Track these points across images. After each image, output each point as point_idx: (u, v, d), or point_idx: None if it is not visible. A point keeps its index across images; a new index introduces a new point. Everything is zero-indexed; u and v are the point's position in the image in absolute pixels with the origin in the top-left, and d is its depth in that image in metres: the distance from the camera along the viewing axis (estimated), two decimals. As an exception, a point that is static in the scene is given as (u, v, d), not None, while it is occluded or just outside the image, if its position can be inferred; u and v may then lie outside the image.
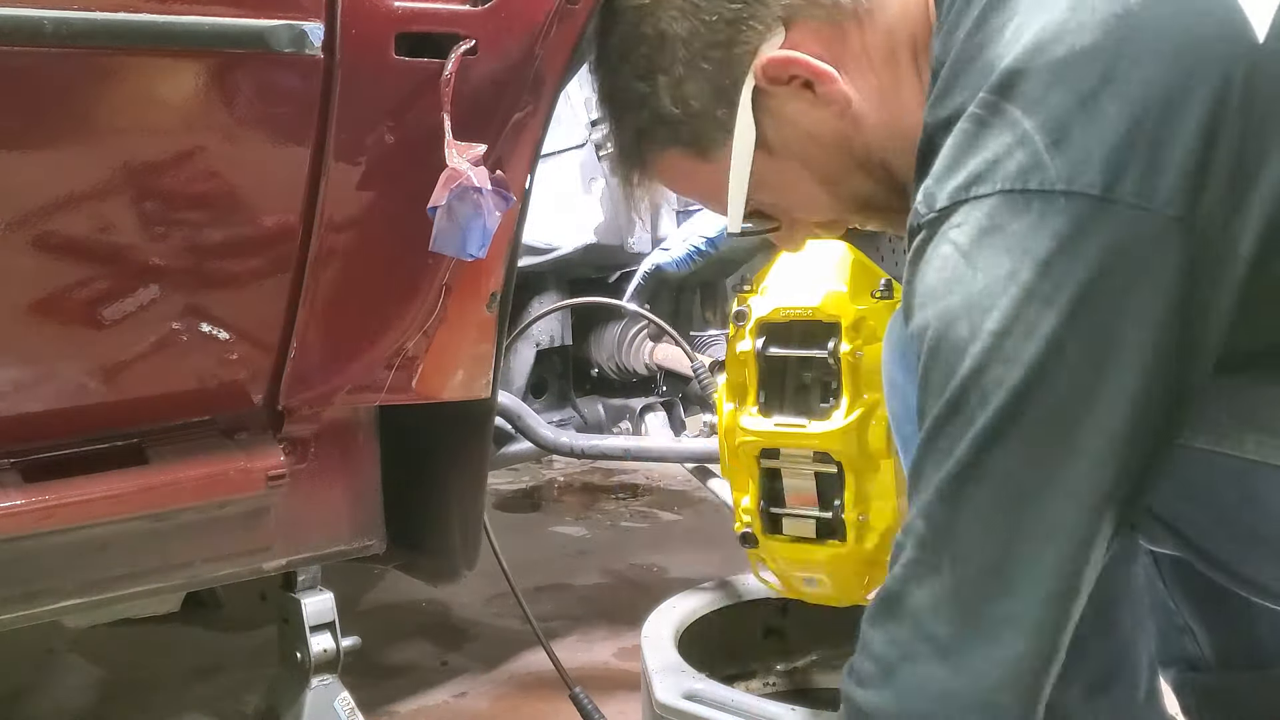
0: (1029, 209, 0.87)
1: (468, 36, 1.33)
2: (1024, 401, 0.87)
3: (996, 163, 0.89)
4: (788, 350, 1.45)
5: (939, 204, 0.92)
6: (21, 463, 1.34)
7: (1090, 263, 0.86)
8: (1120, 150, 0.86)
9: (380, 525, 1.67)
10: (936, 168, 0.94)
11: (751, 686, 1.90)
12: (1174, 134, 0.86)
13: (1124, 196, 0.86)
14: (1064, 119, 0.88)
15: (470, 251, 1.32)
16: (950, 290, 0.90)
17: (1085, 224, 0.86)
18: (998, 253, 0.88)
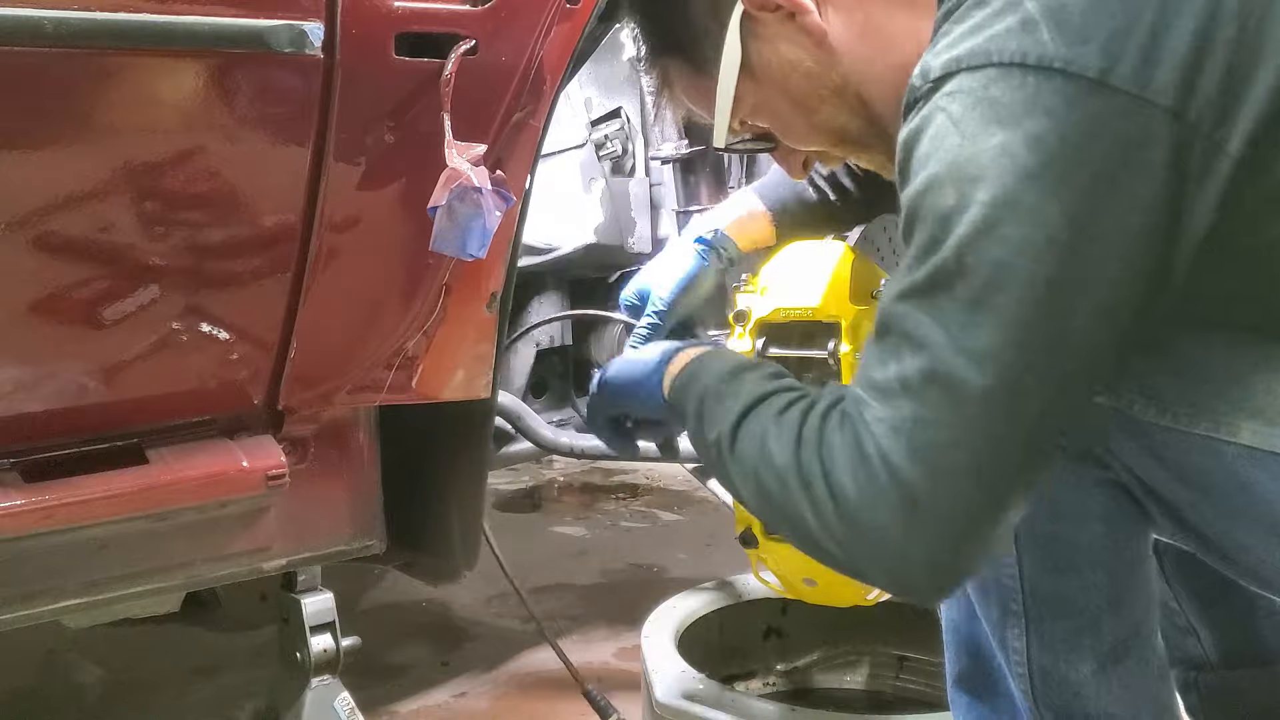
0: (1025, 84, 0.89)
1: (468, 36, 1.33)
2: (1007, 274, 0.88)
3: (996, 37, 0.90)
4: (788, 351, 1.45)
5: (934, 74, 0.93)
6: (21, 463, 1.34)
7: (1080, 142, 0.88)
8: (1119, 37, 0.88)
9: (380, 525, 1.67)
10: (936, 44, 0.95)
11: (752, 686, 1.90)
12: (1171, 26, 0.88)
13: (1119, 82, 0.88)
14: (1067, 2, 0.89)
15: (470, 251, 1.32)
16: (939, 157, 0.91)
17: (1079, 104, 0.88)
18: (989, 124, 0.89)
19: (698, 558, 2.76)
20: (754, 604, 1.89)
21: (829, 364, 1.40)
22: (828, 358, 1.40)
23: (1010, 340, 0.89)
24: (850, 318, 1.39)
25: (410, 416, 1.63)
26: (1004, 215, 0.88)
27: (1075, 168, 0.88)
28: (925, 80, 0.94)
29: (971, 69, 0.91)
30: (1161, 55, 0.88)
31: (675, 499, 3.32)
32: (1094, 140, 0.88)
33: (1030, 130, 0.88)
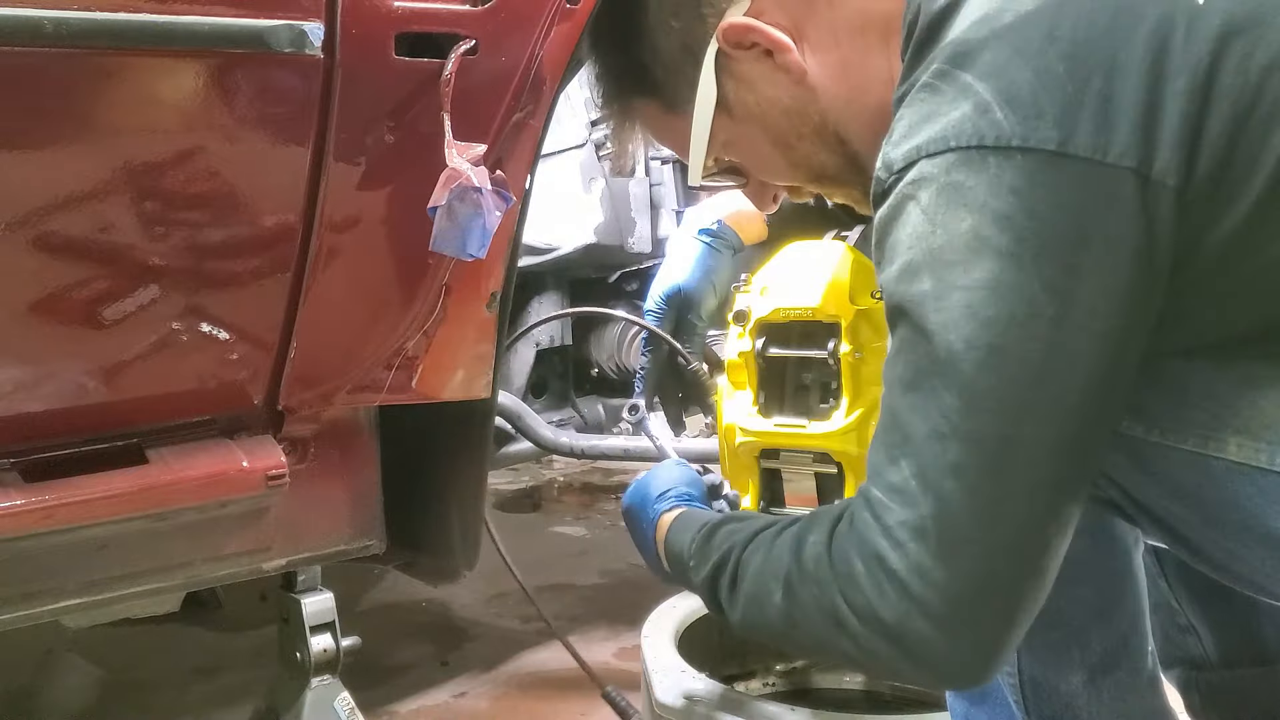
0: (986, 165, 0.89)
1: (468, 36, 1.33)
2: (998, 357, 0.89)
3: (951, 124, 0.91)
4: (788, 351, 1.45)
5: (897, 165, 0.94)
6: (21, 463, 1.34)
7: (1048, 215, 0.89)
8: (1072, 107, 0.89)
9: (380, 525, 1.67)
10: (893, 134, 0.96)
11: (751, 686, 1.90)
12: (1120, 89, 0.89)
13: (1078, 150, 0.88)
14: (1015, 79, 0.90)
15: (470, 251, 1.32)
16: (914, 246, 0.92)
17: (1041, 178, 0.89)
18: (956, 209, 0.90)
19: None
20: (754, 604, 1.89)
21: (829, 364, 1.40)
22: (827, 358, 1.40)
23: (1012, 419, 0.89)
24: (850, 318, 1.39)
25: (410, 416, 1.64)
26: (985, 297, 0.89)
27: (1047, 241, 0.89)
28: (890, 172, 0.95)
29: (932, 155, 0.92)
30: (1115, 118, 0.89)
31: (675, 499, 3.31)
32: (1061, 211, 0.89)
33: (998, 210, 0.89)
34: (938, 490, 0.90)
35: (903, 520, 0.92)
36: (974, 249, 0.89)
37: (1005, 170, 0.89)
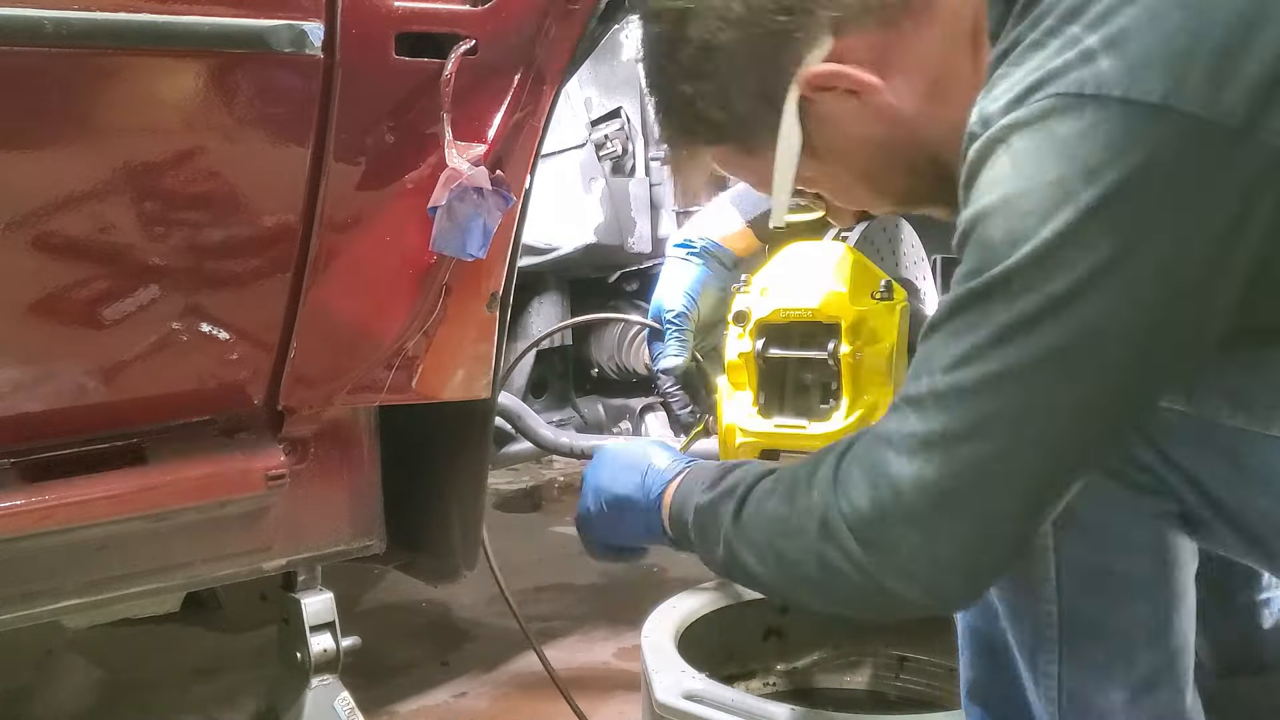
0: (1082, 115, 0.86)
1: (468, 36, 1.33)
2: (1056, 312, 0.87)
3: (1052, 71, 0.87)
4: (788, 351, 1.45)
5: (991, 115, 0.90)
6: (21, 463, 1.34)
7: (1141, 172, 0.85)
8: (1183, 56, 0.84)
9: (380, 525, 1.67)
10: (993, 88, 0.92)
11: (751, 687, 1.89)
12: (1246, 46, 0.84)
13: (1183, 105, 0.84)
14: (1126, 26, 0.86)
15: (470, 251, 1.32)
16: (997, 191, 0.89)
17: (1139, 133, 0.85)
18: (1044, 157, 0.87)
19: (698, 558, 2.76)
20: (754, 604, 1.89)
21: (829, 364, 1.40)
22: (827, 358, 1.40)
23: (1049, 363, 0.88)
24: (850, 318, 1.39)
25: (410, 416, 1.63)
26: (1055, 250, 0.86)
27: (1134, 199, 0.85)
28: (985, 126, 0.92)
29: (1030, 103, 0.89)
30: (1233, 73, 0.84)
31: (675, 499, 3.31)
32: (1155, 169, 0.85)
33: (1088, 163, 0.85)
34: (956, 411, 0.90)
35: (912, 431, 0.92)
36: (1056, 201, 0.86)
37: (1102, 121, 0.85)
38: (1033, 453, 0.90)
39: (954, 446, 0.91)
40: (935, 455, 0.91)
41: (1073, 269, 0.86)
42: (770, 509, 1.05)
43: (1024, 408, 0.89)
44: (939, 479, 0.91)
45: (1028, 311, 0.87)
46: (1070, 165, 0.86)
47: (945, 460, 0.91)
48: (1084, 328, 0.87)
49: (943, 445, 0.91)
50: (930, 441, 0.91)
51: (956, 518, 0.92)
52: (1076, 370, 0.88)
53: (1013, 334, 0.88)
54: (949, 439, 0.91)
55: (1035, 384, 0.89)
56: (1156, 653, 1.09)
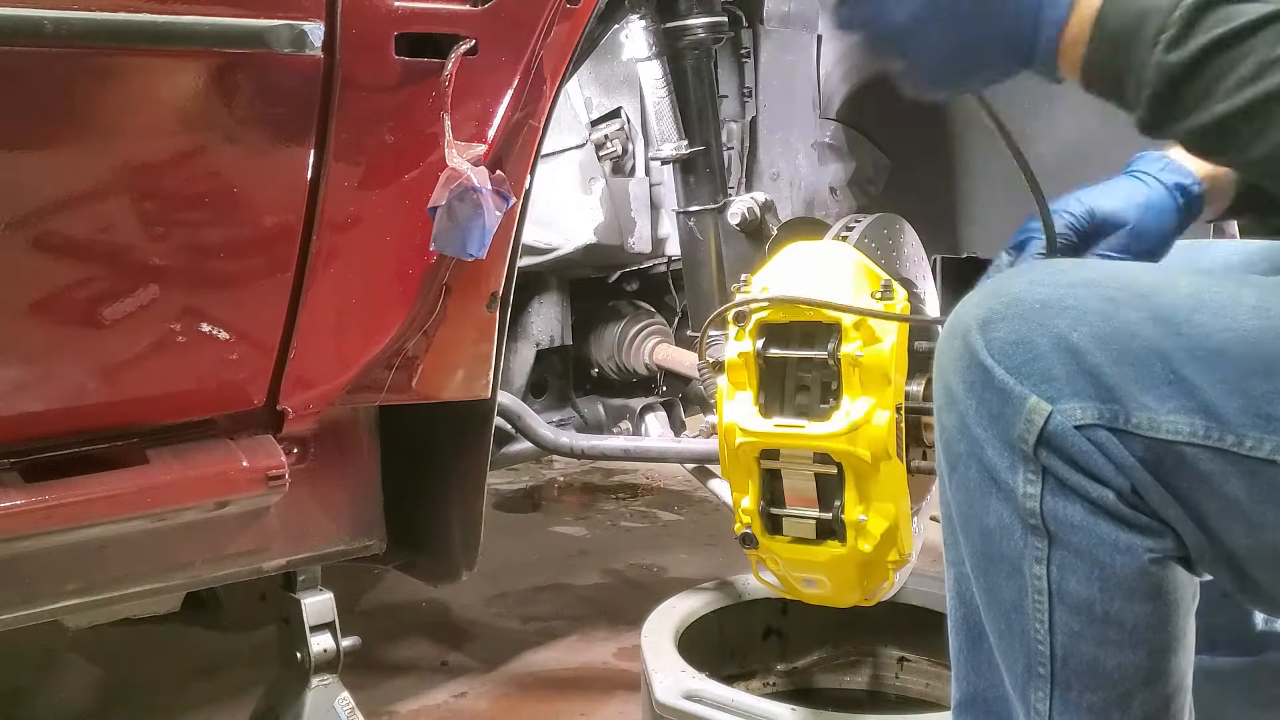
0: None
1: (468, 36, 1.33)
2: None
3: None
4: (788, 351, 1.45)
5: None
6: (21, 463, 1.34)
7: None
8: None
9: (380, 525, 1.67)
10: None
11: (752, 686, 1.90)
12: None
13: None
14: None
15: (470, 251, 1.32)
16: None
17: None
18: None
19: (698, 558, 2.76)
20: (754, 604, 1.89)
21: (829, 364, 1.40)
22: (828, 358, 1.40)
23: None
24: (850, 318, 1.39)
25: (410, 416, 1.64)
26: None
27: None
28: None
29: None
30: None
31: (675, 499, 3.32)
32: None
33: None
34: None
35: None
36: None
37: None
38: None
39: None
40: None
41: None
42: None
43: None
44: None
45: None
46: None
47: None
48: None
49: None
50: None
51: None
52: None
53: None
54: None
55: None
56: (1151, 698, 1.05)
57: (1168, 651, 1.04)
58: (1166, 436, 0.94)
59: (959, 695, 1.17)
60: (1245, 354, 0.92)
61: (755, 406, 1.47)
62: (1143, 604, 1.00)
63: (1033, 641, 1.05)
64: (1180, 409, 0.94)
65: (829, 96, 2.26)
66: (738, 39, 2.22)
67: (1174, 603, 1.02)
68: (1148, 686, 1.04)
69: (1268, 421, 0.92)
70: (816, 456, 1.42)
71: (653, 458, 2.12)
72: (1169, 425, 0.94)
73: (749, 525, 1.49)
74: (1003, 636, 1.09)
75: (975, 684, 1.16)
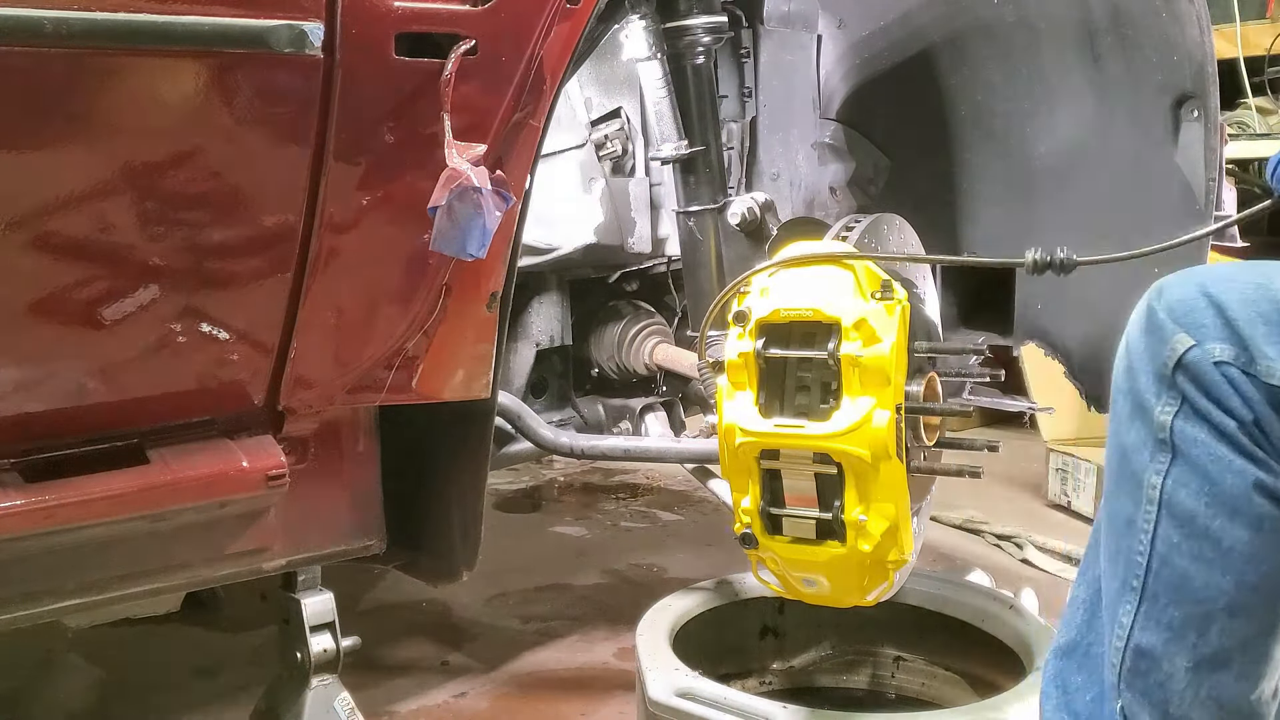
0: None
1: (468, 36, 1.33)
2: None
3: None
4: (788, 351, 1.45)
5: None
6: (21, 463, 1.34)
7: None
8: None
9: (380, 525, 1.67)
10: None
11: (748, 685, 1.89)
12: None
13: None
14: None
15: (470, 251, 1.32)
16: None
17: None
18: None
19: (698, 558, 2.76)
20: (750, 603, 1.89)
21: (829, 364, 1.40)
22: (828, 358, 1.40)
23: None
24: (850, 318, 1.39)
25: (410, 416, 1.64)
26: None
27: None
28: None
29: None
30: None
31: (675, 499, 3.32)
32: None
33: None
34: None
35: None
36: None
37: None
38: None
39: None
40: None
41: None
42: None
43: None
44: None
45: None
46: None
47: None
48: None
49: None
50: None
51: None
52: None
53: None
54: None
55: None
56: (1230, 630, 1.08)
57: (1258, 591, 1.07)
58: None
59: (1062, 641, 1.24)
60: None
61: (755, 406, 1.47)
62: (1242, 529, 1.05)
63: (1134, 555, 1.11)
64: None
65: (829, 96, 2.26)
66: (738, 39, 2.22)
67: (1274, 542, 1.06)
68: (1231, 616, 1.08)
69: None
70: (816, 456, 1.42)
71: (653, 458, 2.12)
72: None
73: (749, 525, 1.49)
74: (1111, 559, 1.14)
75: (1084, 635, 1.22)
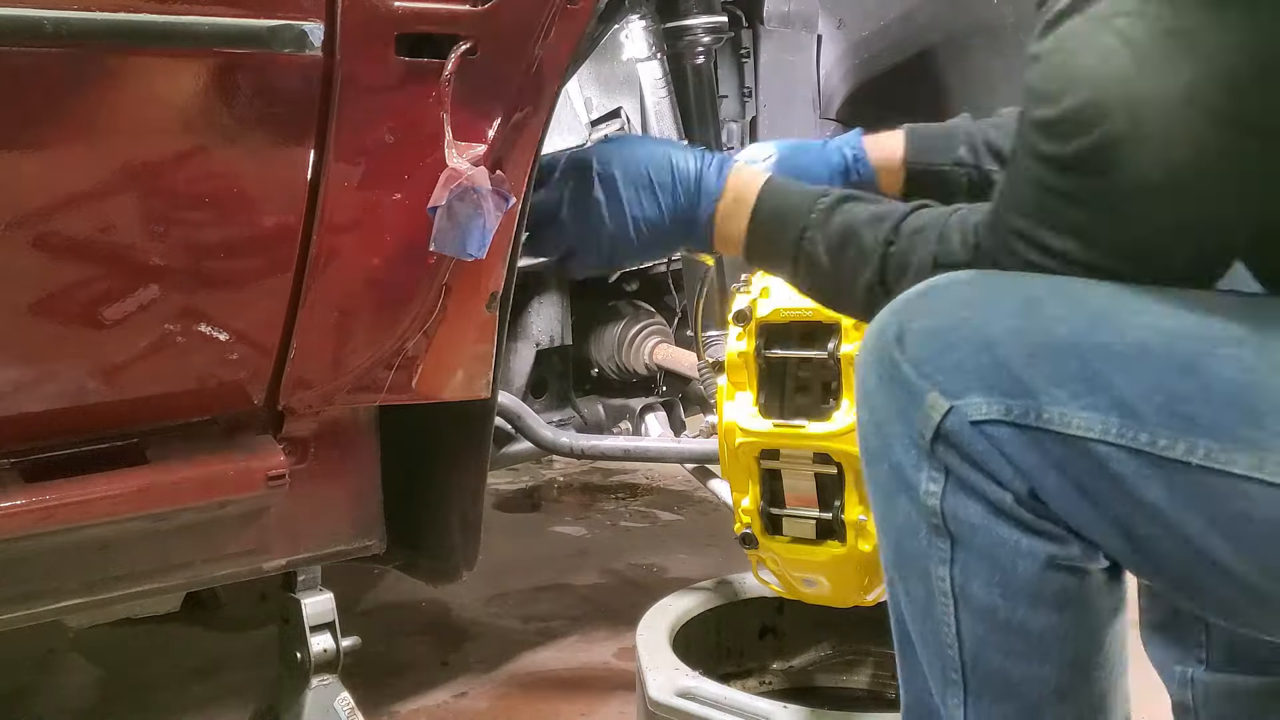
0: (1223, 15, 0.82)
1: (468, 37, 1.33)
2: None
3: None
4: (788, 351, 1.45)
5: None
6: (21, 463, 1.34)
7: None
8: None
9: (380, 525, 1.67)
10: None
11: (748, 685, 1.89)
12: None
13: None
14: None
15: (470, 251, 1.32)
16: (1111, 86, 0.87)
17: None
18: (1175, 58, 0.83)
19: (698, 558, 2.76)
20: (750, 603, 1.89)
21: (829, 364, 1.41)
22: (827, 358, 1.40)
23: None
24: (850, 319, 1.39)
25: (410, 416, 1.64)
26: (1176, 159, 0.87)
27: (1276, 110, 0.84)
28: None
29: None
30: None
31: (675, 499, 3.32)
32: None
33: (1224, 72, 0.82)
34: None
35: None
36: (1186, 112, 0.85)
37: (1244, 24, 0.85)
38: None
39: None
40: None
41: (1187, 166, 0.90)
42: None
43: None
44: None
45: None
46: (1210, 71, 0.88)
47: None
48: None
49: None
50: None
51: None
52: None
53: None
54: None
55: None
56: (1065, 712, 1.00)
57: (1083, 667, 0.99)
58: (1078, 433, 0.91)
59: (904, 702, 1.13)
60: (1163, 353, 0.91)
61: (755, 406, 1.47)
62: (1048, 613, 0.96)
63: (944, 646, 1.01)
64: (1094, 405, 0.91)
65: (829, 96, 2.26)
66: (738, 39, 2.22)
67: (1085, 614, 0.98)
68: (1061, 700, 0.99)
69: (1183, 421, 0.89)
70: (816, 456, 1.43)
71: (653, 458, 2.12)
72: (1080, 421, 0.91)
73: (749, 525, 1.49)
74: (921, 639, 1.05)
75: (913, 691, 1.12)
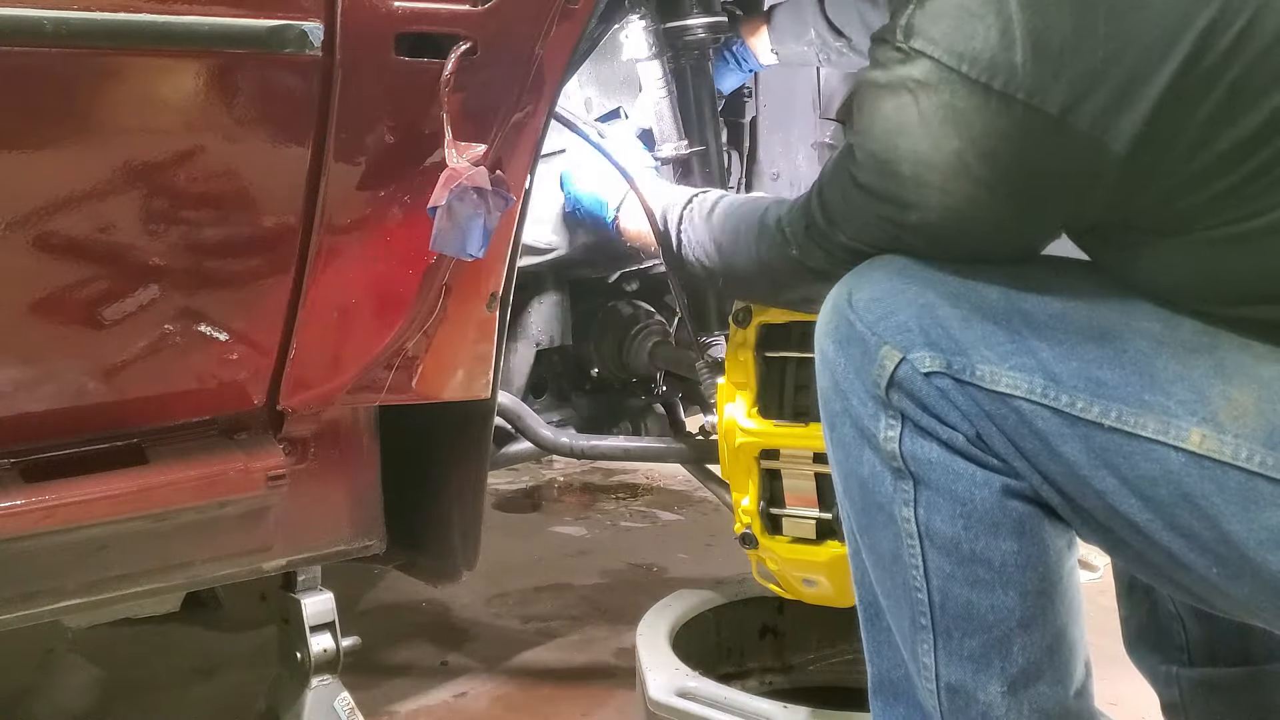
0: (987, 105, 0.97)
1: (468, 37, 1.33)
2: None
3: (974, 39, 0.96)
4: (788, 351, 1.45)
5: (913, 41, 1.00)
6: (21, 463, 1.34)
7: (1031, 167, 0.98)
8: (1092, 77, 0.94)
9: (380, 525, 1.67)
10: (928, 3, 1.00)
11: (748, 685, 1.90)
12: (1150, 77, 0.93)
13: (1080, 124, 0.94)
14: (1051, 25, 0.95)
15: (470, 251, 1.32)
16: (900, 137, 1.02)
17: (1036, 135, 0.96)
18: (948, 127, 0.98)
19: (698, 558, 2.76)
20: (750, 603, 1.89)
21: (828, 364, 1.40)
22: (827, 358, 1.40)
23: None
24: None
25: (410, 416, 1.64)
26: (950, 204, 1.01)
27: (1022, 184, 0.99)
28: (905, 39, 1.00)
29: (943, 66, 0.98)
30: (1132, 103, 0.93)
31: (675, 499, 3.32)
32: (1045, 163, 0.98)
33: (986, 148, 0.97)
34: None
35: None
36: (954, 169, 0.99)
37: (1003, 116, 0.96)
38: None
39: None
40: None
41: (956, 213, 1.07)
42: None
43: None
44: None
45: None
46: (970, 143, 1.02)
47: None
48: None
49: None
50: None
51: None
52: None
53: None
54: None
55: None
56: (1029, 643, 1.06)
57: (1042, 595, 1.06)
58: (1005, 390, 1.01)
59: (871, 680, 1.17)
60: (1084, 321, 1.02)
61: (755, 406, 1.47)
62: (1008, 540, 1.03)
63: (912, 591, 1.07)
64: (1020, 367, 1.01)
65: (829, 96, 2.26)
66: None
67: (1042, 544, 1.05)
68: (1026, 630, 1.06)
69: (1098, 385, 0.99)
70: (816, 456, 1.43)
71: (653, 458, 2.12)
72: (1008, 380, 1.01)
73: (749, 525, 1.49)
74: (889, 595, 1.10)
75: (880, 666, 1.15)
